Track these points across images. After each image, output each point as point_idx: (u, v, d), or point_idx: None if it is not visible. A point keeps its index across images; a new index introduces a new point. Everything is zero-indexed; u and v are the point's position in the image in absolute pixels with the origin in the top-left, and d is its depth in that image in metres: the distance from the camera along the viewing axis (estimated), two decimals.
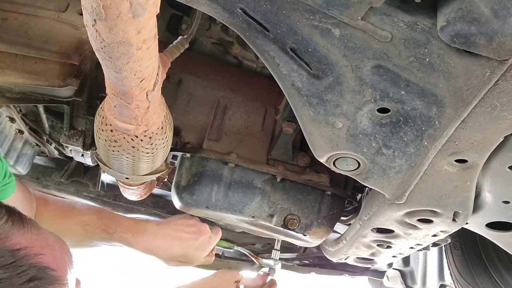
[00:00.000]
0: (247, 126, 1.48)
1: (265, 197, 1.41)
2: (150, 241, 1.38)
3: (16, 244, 0.71)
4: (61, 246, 0.82)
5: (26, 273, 0.69)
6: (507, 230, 1.18)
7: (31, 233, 0.76)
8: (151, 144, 1.01)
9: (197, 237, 1.45)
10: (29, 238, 0.75)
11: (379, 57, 0.79)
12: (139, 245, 1.37)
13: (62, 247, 0.82)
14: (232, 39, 1.53)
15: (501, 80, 0.75)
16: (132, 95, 0.79)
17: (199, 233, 1.46)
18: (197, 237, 1.45)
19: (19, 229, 0.75)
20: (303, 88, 0.86)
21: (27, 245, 0.73)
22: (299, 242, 1.57)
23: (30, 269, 0.70)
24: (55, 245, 0.80)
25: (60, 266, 0.77)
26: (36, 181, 2.17)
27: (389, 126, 0.90)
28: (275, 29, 0.80)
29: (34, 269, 0.71)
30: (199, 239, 1.46)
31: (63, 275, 0.77)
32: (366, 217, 1.27)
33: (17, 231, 0.74)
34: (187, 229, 1.45)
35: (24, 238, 0.74)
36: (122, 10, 0.56)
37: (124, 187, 1.59)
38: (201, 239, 1.46)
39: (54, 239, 0.81)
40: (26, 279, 0.69)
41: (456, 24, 0.70)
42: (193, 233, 1.45)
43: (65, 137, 1.47)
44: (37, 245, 0.75)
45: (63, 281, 0.76)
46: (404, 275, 2.81)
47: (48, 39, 1.16)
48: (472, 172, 0.97)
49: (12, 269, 0.68)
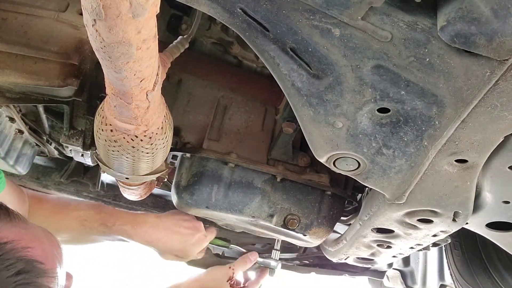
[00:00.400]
0: (247, 126, 1.48)
1: (265, 197, 1.41)
2: (150, 232, 1.39)
3: (3, 238, 0.72)
4: (50, 240, 0.82)
5: (14, 266, 0.69)
6: (507, 230, 1.18)
7: (19, 227, 0.77)
8: (151, 144, 1.01)
9: (194, 233, 1.48)
10: (17, 232, 0.75)
11: (379, 57, 0.79)
12: (139, 237, 1.38)
13: (52, 241, 0.82)
14: (232, 39, 1.53)
15: (501, 80, 0.75)
16: (132, 95, 0.79)
17: (195, 230, 1.49)
18: (194, 233, 1.48)
19: (5, 223, 0.75)
20: (303, 88, 0.86)
21: (15, 238, 0.73)
22: (299, 242, 1.57)
23: (18, 262, 0.71)
24: (43, 239, 0.80)
25: (49, 260, 0.77)
26: (36, 181, 2.17)
27: (389, 126, 0.90)
28: (275, 29, 0.80)
29: (22, 262, 0.71)
30: (195, 235, 1.48)
31: (52, 268, 0.77)
32: (366, 217, 1.27)
33: (4, 225, 0.75)
34: (185, 224, 1.47)
35: (12, 232, 0.74)
36: (122, 10, 0.56)
37: (124, 187, 1.59)
38: (198, 235, 1.49)
39: (43, 233, 0.82)
40: (14, 272, 0.69)
41: (456, 24, 0.70)
42: (190, 229, 1.47)
43: (65, 137, 1.47)
44: (25, 238, 0.75)
45: (52, 274, 0.76)
46: (404, 275, 2.81)
47: (48, 39, 1.16)
48: (472, 172, 0.97)
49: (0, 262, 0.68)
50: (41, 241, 0.79)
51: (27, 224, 0.80)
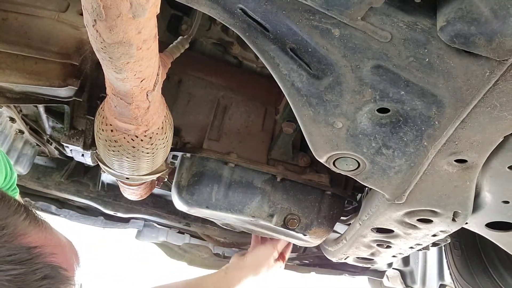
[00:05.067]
0: (247, 126, 1.48)
1: (265, 197, 1.41)
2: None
3: (32, 242, 0.73)
4: (71, 247, 0.83)
5: (40, 270, 0.71)
6: (507, 230, 1.18)
7: (46, 232, 0.78)
8: (151, 144, 1.01)
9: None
10: (44, 237, 0.76)
11: (379, 57, 0.79)
12: None
13: (72, 248, 0.84)
14: (232, 39, 1.53)
15: (500, 80, 0.75)
16: (132, 95, 0.79)
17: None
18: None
19: (35, 227, 0.76)
20: (303, 88, 0.86)
21: (43, 243, 0.74)
22: (299, 242, 1.57)
23: (45, 268, 0.72)
24: (66, 246, 0.81)
25: (71, 267, 0.79)
26: (37, 181, 2.17)
27: (388, 126, 0.90)
28: (275, 29, 0.80)
29: (48, 268, 0.72)
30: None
31: (73, 275, 0.79)
32: (366, 217, 1.27)
33: (34, 229, 0.75)
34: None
35: (39, 237, 0.75)
36: (122, 10, 0.56)
37: (124, 187, 1.59)
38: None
39: (65, 240, 0.83)
40: (41, 277, 0.70)
41: (456, 24, 0.70)
42: None
43: (66, 137, 1.47)
44: (51, 244, 0.76)
45: (73, 281, 0.78)
46: (404, 275, 2.81)
47: (48, 40, 1.17)
48: (472, 172, 0.97)
49: (28, 266, 0.69)
50: (64, 248, 0.80)
51: (52, 229, 0.81)
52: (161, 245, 2.89)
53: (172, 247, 2.85)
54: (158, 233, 2.70)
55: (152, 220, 2.51)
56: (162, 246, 2.89)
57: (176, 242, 2.75)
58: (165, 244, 2.84)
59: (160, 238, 2.73)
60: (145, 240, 2.75)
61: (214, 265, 2.60)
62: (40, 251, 0.72)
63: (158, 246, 2.90)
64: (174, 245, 2.80)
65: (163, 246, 2.89)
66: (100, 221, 2.53)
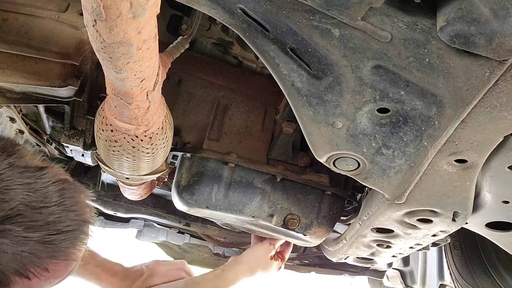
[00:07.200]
0: (247, 126, 1.48)
1: (265, 197, 1.41)
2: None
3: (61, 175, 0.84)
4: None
5: (60, 182, 0.82)
6: (507, 230, 1.18)
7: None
8: (151, 144, 1.01)
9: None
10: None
11: (379, 57, 0.79)
12: None
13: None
14: (232, 39, 1.53)
15: (500, 80, 0.75)
16: (132, 95, 0.79)
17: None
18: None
19: (59, 169, 0.87)
20: (303, 88, 0.86)
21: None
22: (299, 242, 1.57)
23: (65, 183, 0.83)
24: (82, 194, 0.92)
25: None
26: None
27: (388, 126, 0.90)
28: (275, 29, 0.80)
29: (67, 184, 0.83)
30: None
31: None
32: (365, 217, 1.27)
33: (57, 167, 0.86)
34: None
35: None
36: (122, 11, 0.56)
37: (125, 187, 1.59)
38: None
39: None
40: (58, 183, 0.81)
41: (456, 24, 0.70)
42: None
43: (66, 137, 1.47)
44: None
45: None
46: (404, 274, 2.82)
47: (48, 40, 1.17)
48: (472, 172, 0.97)
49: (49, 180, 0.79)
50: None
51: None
52: (161, 245, 2.90)
53: (172, 247, 2.86)
54: (158, 233, 2.71)
55: (152, 220, 2.51)
56: (162, 246, 2.90)
57: (176, 242, 2.76)
58: (165, 244, 2.85)
59: (160, 238, 2.73)
60: (145, 240, 2.76)
61: (214, 264, 2.60)
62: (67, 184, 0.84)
63: (158, 246, 2.91)
64: (174, 245, 2.80)
65: (163, 246, 2.90)
66: (100, 221, 2.53)
